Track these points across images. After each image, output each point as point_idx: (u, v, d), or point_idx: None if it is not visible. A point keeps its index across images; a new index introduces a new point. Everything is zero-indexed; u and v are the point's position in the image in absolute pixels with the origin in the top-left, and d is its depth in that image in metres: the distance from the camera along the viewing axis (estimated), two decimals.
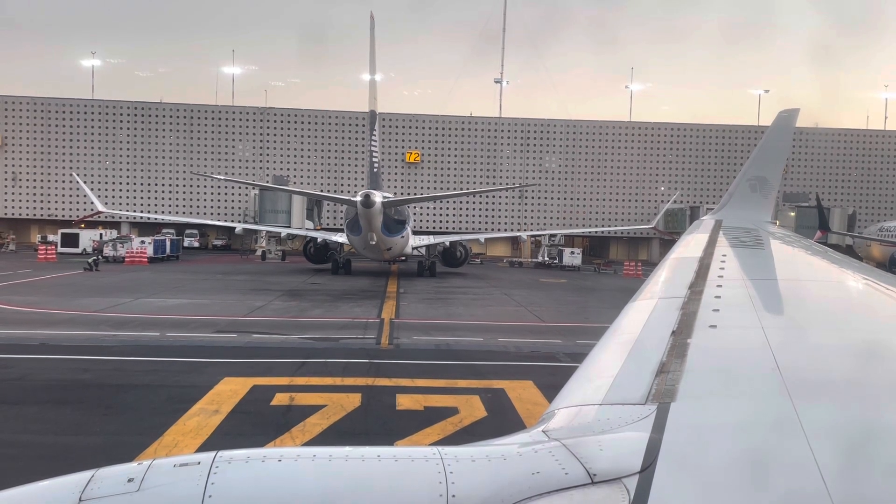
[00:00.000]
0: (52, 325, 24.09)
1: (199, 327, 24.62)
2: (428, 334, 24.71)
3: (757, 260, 6.83)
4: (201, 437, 12.28)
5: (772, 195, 9.78)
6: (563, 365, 19.30)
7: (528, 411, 14.16)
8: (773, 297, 5.38)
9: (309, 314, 29.69)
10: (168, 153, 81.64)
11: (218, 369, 17.58)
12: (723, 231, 7.74)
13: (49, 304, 29.43)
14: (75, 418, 13.72)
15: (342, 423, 13.29)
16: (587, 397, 3.66)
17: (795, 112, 10.48)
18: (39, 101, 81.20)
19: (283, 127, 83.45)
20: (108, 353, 19.64)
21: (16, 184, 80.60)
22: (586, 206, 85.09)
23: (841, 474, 2.72)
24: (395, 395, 15.48)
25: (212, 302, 32.57)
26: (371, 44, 49.02)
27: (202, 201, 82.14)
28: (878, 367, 3.89)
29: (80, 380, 16.62)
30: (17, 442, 12.06)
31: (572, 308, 36.03)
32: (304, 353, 20.35)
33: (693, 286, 5.23)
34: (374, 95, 50.19)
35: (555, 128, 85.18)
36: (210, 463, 2.76)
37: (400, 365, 19.31)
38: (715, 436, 3.12)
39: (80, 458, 10.79)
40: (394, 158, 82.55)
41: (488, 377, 17.74)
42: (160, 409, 14.11)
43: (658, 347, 4.01)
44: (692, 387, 3.49)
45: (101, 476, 2.74)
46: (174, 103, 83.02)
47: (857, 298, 5.67)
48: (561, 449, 2.94)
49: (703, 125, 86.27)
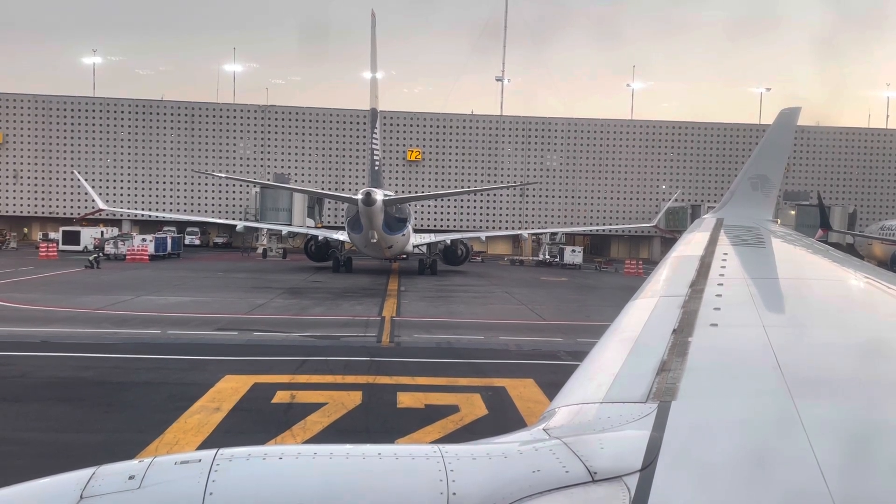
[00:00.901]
0: (54, 323, 24.12)
1: (201, 325, 24.64)
2: (429, 332, 24.71)
3: (758, 258, 6.83)
4: (202, 434, 12.30)
5: (773, 193, 9.77)
6: (564, 363, 19.31)
7: (529, 409, 14.17)
8: (774, 296, 5.38)
9: (310, 312, 29.71)
10: (169, 151, 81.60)
11: (219, 367, 17.60)
12: (724, 230, 7.73)
13: (50, 302, 29.45)
14: (76, 416, 13.74)
15: (343, 421, 13.30)
16: (588, 395, 3.66)
17: (797, 110, 10.48)
18: (40, 98, 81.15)
19: (285, 125, 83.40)
20: (110, 351, 19.65)
21: (17, 181, 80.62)
22: (587, 204, 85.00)
23: (842, 473, 2.72)
24: (396, 393, 15.49)
25: (213, 300, 32.60)
26: (372, 42, 49.01)
27: (203, 199, 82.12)
28: (880, 365, 3.89)
29: (81, 377, 16.64)
30: (19, 439, 12.08)
31: (573, 306, 36.03)
32: (305, 351, 20.37)
33: (694, 285, 5.22)
34: (375, 93, 50.17)
35: (556, 126, 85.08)
36: (211, 460, 2.77)
37: (401, 363, 19.33)
38: (716, 434, 3.12)
39: (82, 456, 10.80)
40: (395, 156, 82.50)
41: (489, 375, 17.75)
42: (161, 406, 14.13)
43: (659, 346, 4.01)
44: (693, 385, 3.48)
45: (102, 473, 2.74)
46: (175, 101, 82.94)
47: (859, 297, 5.67)
48: (562, 447, 2.94)
49: (705, 123, 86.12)
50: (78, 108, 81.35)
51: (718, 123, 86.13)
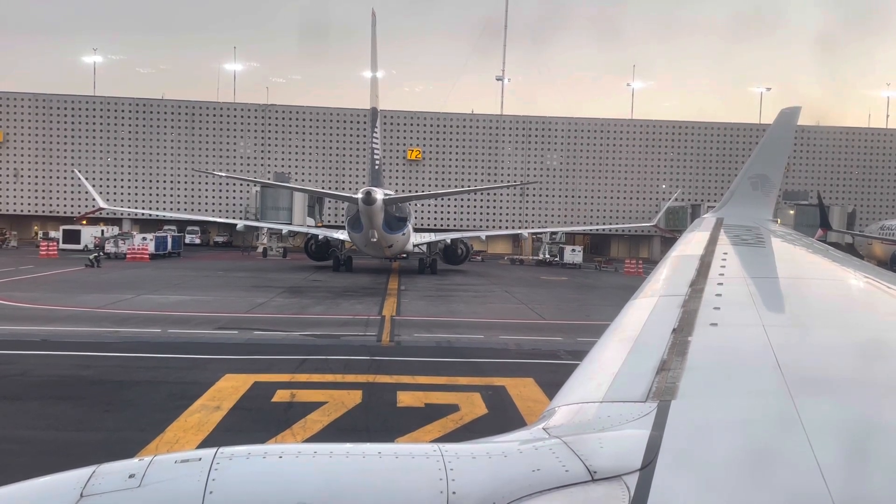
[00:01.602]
0: (54, 322, 24.12)
1: (201, 324, 24.65)
2: (429, 331, 24.72)
3: (758, 258, 6.83)
4: (202, 433, 12.30)
5: (773, 193, 9.77)
6: (563, 362, 19.31)
7: (529, 409, 14.18)
8: (774, 296, 5.38)
9: (310, 311, 29.71)
10: (169, 150, 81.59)
11: (219, 366, 17.60)
12: (724, 229, 7.73)
13: (50, 301, 29.46)
14: (77, 414, 13.75)
15: (343, 419, 13.31)
16: (588, 395, 3.66)
17: (797, 110, 10.48)
18: (41, 97, 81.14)
19: (285, 124, 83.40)
20: (110, 350, 19.66)
21: (17, 180, 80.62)
22: (587, 203, 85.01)
23: (842, 473, 2.72)
24: (396, 392, 15.50)
25: (213, 298, 32.60)
26: (372, 41, 49.00)
27: (204, 198, 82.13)
28: (880, 365, 3.89)
29: (81, 376, 16.65)
30: (19, 438, 12.09)
31: (573, 305, 36.02)
32: (305, 350, 20.37)
33: (694, 284, 5.23)
34: (376, 93, 50.17)
35: (556, 125, 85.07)
36: (211, 459, 2.77)
37: (401, 362, 19.33)
38: (715, 434, 3.12)
39: (82, 454, 10.81)
40: (395, 156, 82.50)
41: (489, 374, 17.75)
42: (161, 405, 14.14)
43: (659, 345, 4.01)
44: (693, 385, 3.48)
45: (102, 472, 2.74)
46: (176, 100, 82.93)
47: (859, 297, 5.67)
48: (561, 446, 2.94)
49: (705, 123, 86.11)
50: (78, 107, 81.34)
51: (718, 123, 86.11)
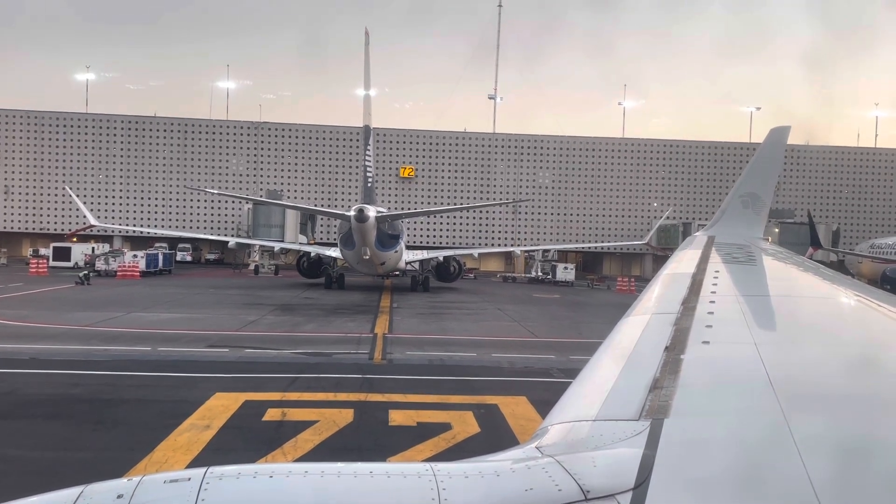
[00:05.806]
0: (43, 340, 23.93)
1: (191, 342, 24.50)
2: (421, 349, 24.64)
3: (749, 276, 6.85)
4: (192, 452, 12.19)
5: (764, 211, 9.82)
6: (556, 380, 19.27)
7: (522, 427, 14.12)
8: (765, 313, 5.40)
9: (302, 329, 29.58)
10: (161, 167, 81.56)
11: (210, 384, 17.48)
12: (715, 247, 7.76)
13: (40, 318, 29.23)
14: (65, 433, 13.60)
15: (334, 438, 13.22)
16: (581, 413, 3.65)
17: (787, 129, 10.57)
18: (33, 114, 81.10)
19: (277, 141, 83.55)
20: (100, 368, 19.51)
21: (8, 197, 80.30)
22: (580, 221, 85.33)
23: (833, 489, 2.72)
24: (388, 411, 15.41)
25: (204, 316, 32.43)
26: (366, 59, 49.25)
27: (195, 215, 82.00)
28: (870, 382, 3.90)
29: (70, 394, 16.50)
30: (6, 457, 11.94)
31: (566, 323, 36.02)
32: (297, 369, 20.26)
33: (686, 302, 5.24)
34: (369, 110, 50.39)
35: (548, 143, 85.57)
36: (201, 479, 2.74)
37: (393, 380, 19.24)
38: (709, 452, 3.12)
39: (70, 474, 10.70)
40: (388, 173, 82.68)
41: (482, 393, 17.68)
42: (151, 424, 14.01)
43: (651, 363, 4.01)
44: (686, 403, 3.48)
45: (90, 492, 2.71)
46: (168, 117, 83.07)
47: (849, 314, 5.69)
48: (554, 465, 2.93)
49: (696, 142, 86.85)
50: (70, 124, 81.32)
51: (709, 142, 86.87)
